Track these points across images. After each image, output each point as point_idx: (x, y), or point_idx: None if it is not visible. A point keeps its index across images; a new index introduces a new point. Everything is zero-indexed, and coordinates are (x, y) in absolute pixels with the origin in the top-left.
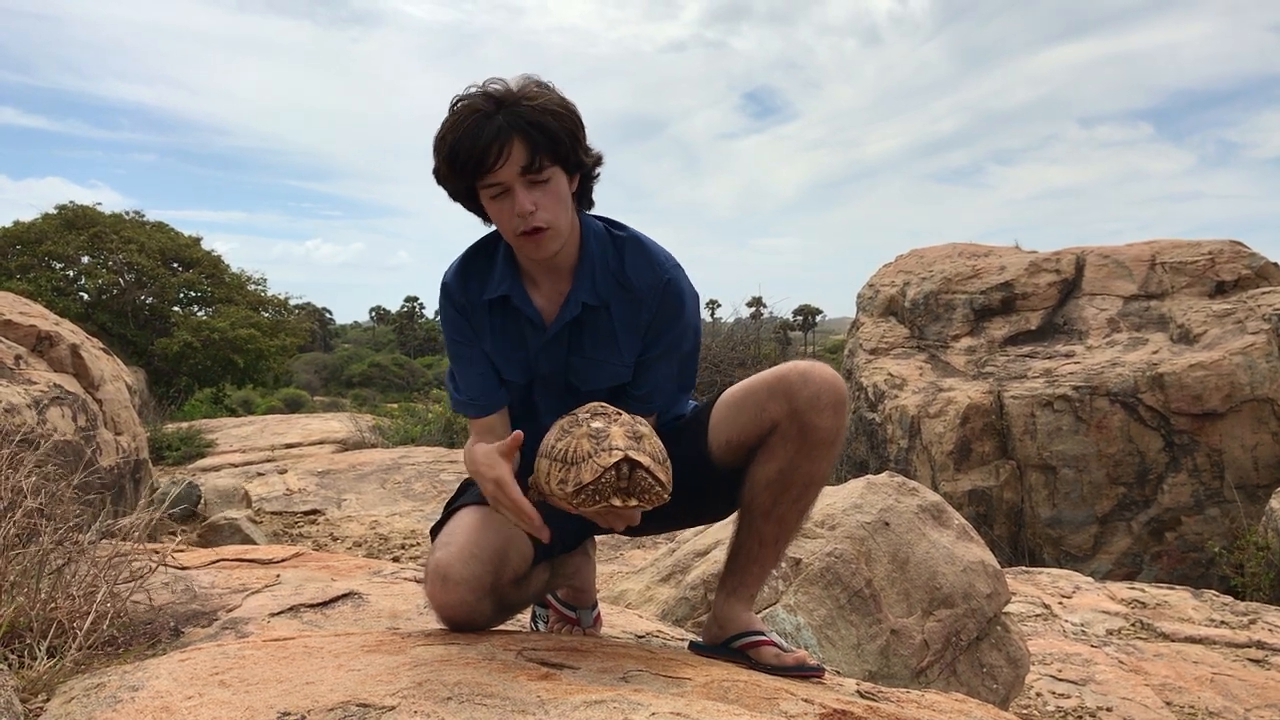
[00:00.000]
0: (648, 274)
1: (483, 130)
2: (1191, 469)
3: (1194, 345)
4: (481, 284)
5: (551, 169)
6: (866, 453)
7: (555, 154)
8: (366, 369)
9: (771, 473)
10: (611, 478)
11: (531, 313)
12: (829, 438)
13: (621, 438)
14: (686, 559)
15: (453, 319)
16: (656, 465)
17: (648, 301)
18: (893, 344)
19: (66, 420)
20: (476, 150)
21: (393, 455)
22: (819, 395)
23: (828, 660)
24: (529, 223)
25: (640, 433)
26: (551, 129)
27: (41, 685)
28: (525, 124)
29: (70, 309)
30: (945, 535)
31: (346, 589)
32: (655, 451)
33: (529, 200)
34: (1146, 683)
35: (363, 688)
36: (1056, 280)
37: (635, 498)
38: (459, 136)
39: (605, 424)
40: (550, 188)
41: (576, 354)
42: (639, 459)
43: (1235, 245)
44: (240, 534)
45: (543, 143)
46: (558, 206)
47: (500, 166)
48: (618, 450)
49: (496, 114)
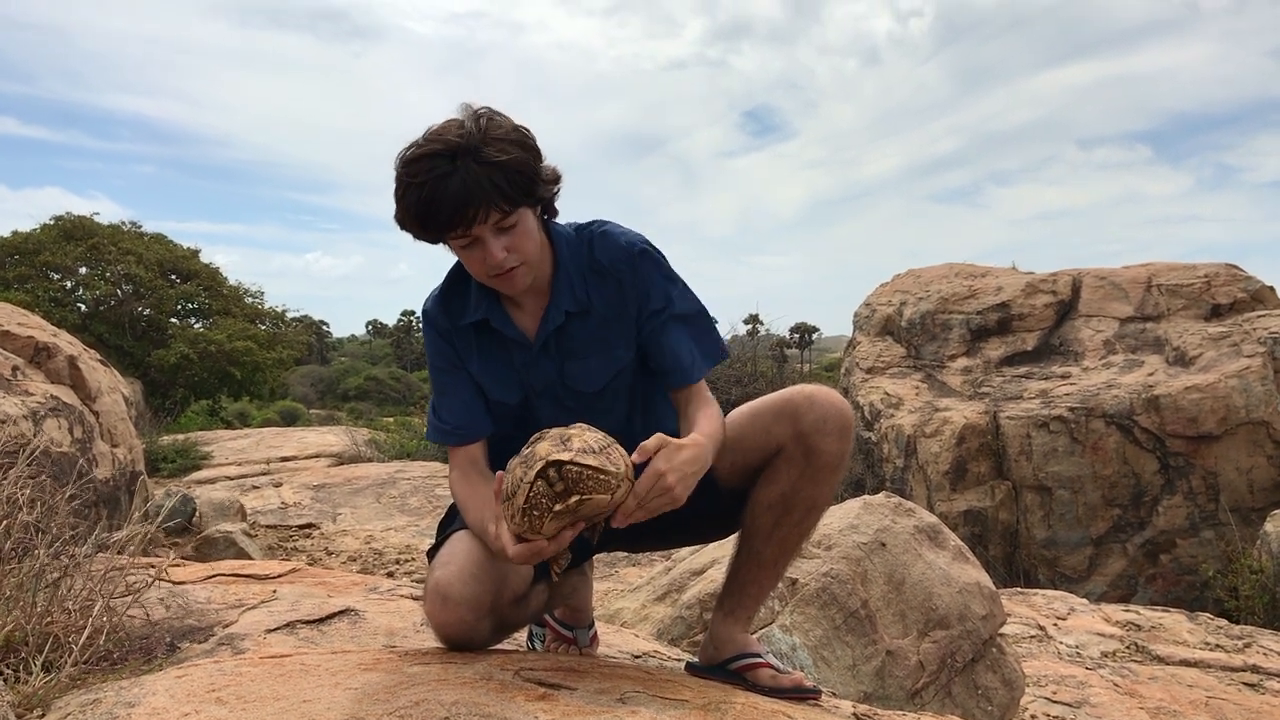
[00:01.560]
0: (618, 252)
1: (447, 189)
2: (1187, 492)
3: (1190, 368)
4: (461, 308)
5: (519, 211)
6: (862, 471)
7: (523, 196)
8: (363, 382)
9: (774, 495)
10: (542, 487)
11: (514, 333)
12: (834, 462)
13: (546, 449)
14: (682, 578)
15: (436, 344)
16: (588, 454)
17: (626, 278)
18: (889, 363)
19: (63, 432)
20: (444, 212)
21: (388, 470)
22: (825, 419)
23: (823, 681)
24: (503, 267)
25: (569, 435)
26: (514, 172)
27: (37, 700)
28: (489, 175)
29: (68, 320)
30: (941, 556)
31: (343, 605)
32: (586, 445)
33: (499, 249)
34: (1141, 705)
35: (360, 706)
36: (1053, 301)
37: (578, 493)
38: (423, 197)
39: (534, 444)
40: (519, 228)
41: (570, 360)
42: (560, 456)
43: (1231, 269)
44: (235, 547)
45: (509, 191)
46: (528, 244)
47: (474, 224)
48: (538, 461)
49: (456, 166)
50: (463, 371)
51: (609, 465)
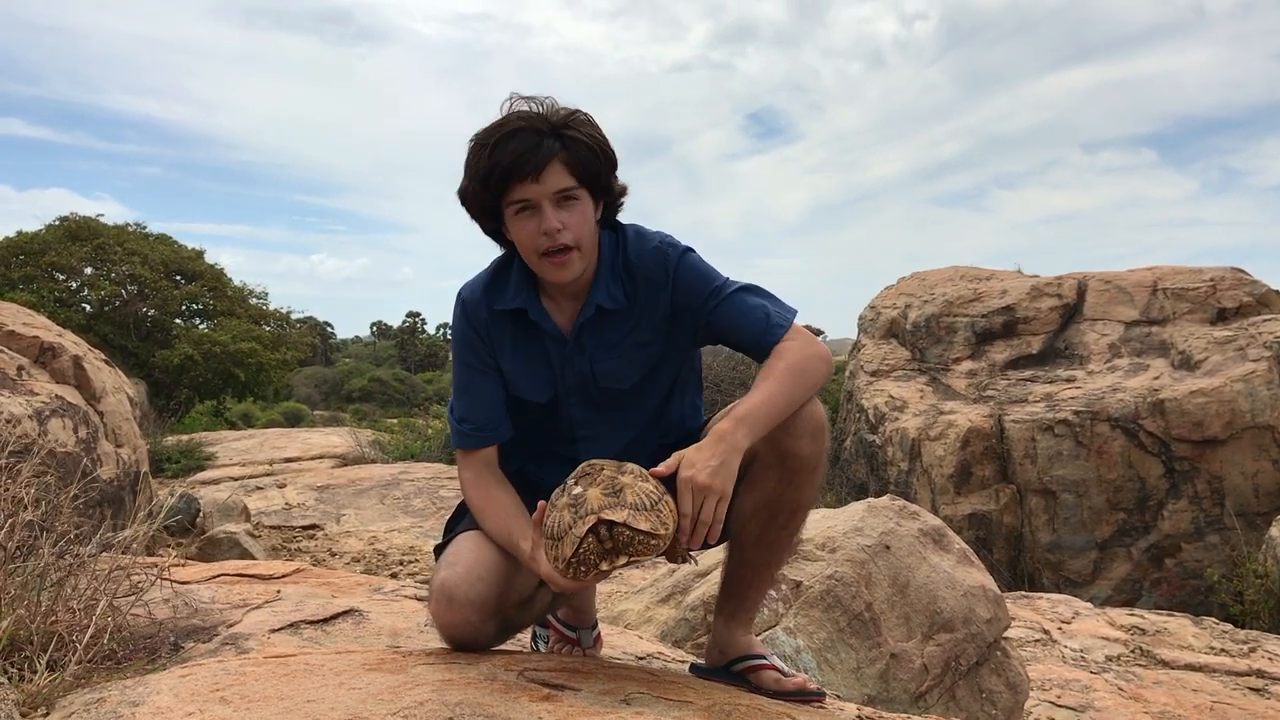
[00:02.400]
0: (653, 253)
1: (529, 141)
2: (1192, 496)
3: (1195, 372)
4: (500, 295)
5: (582, 191)
6: (866, 475)
7: (590, 181)
8: (367, 384)
9: (757, 502)
10: (592, 544)
11: (550, 326)
12: (810, 464)
13: (598, 498)
14: (686, 580)
15: (467, 336)
16: (638, 514)
17: (661, 278)
18: (894, 366)
19: (68, 432)
20: (520, 158)
21: (392, 471)
22: (796, 422)
23: (827, 683)
24: (555, 240)
25: (620, 485)
26: (593, 158)
27: (41, 699)
28: (572, 148)
29: (73, 320)
30: (946, 559)
31: (347, 606)
32: (639, 499)
33: (556, 219)
34: (1146, 710)
35: (364, 706)
36: (1058, 305)
37: (624, 554)
38: (504, 139)
39: (585, 486)
40: (578, 208)
41: (603, 355)
42: (613, 517)
43: (1237, 272)
44: (239, 548)
45: (582, 170)
46: (583, 228)
47: (538, 181)
48: (590, 516)
49: (545, 131)
50: (492, 370)
51: (660, 528)
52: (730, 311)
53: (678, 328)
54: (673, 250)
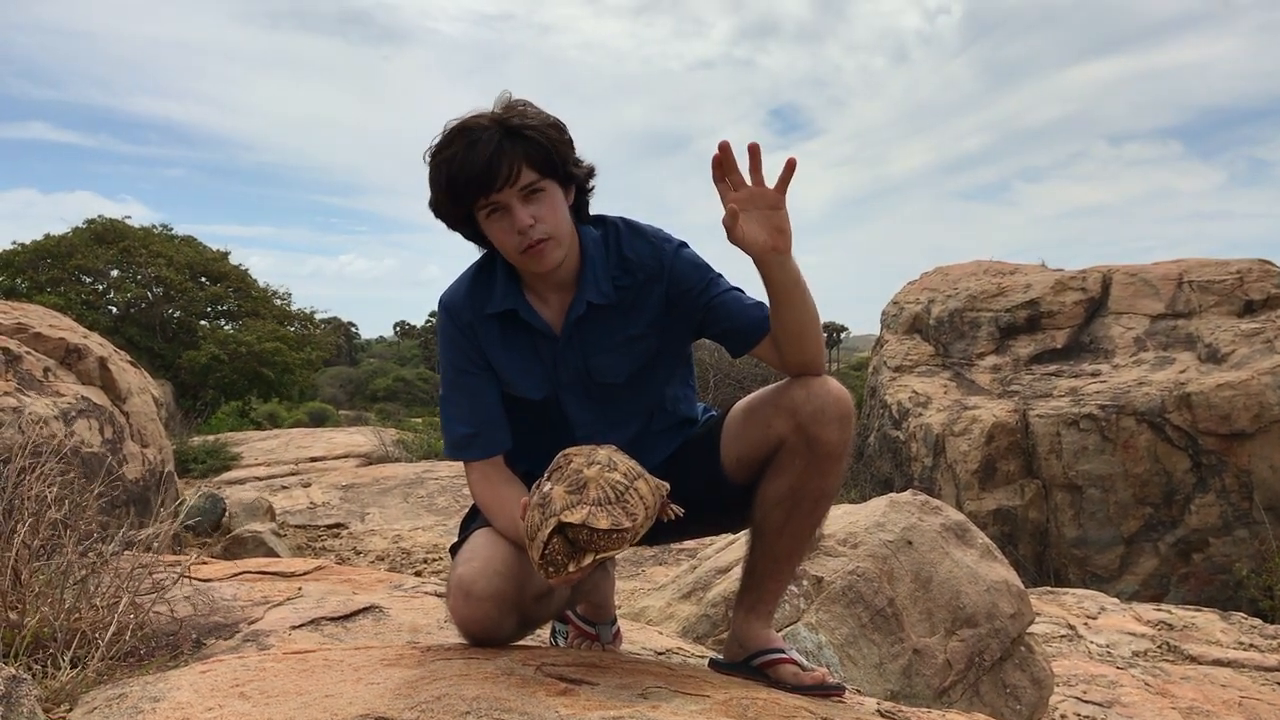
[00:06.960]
0: (648, 248)
1: (480, 150)
2: (1219, 490)
3: (1222, 365)
4: (486, 299)
5: (547, 182)
6: (891, 470)
7: (551, 168)
8: (391, 383)
9: (782, 489)
10: (559, 545)
11: (540, 324)
12: (836, 451)
13: (561, 496)
14: (708, 576)
15: (455, 341)
16: (599, 511)
17: (657, 272)
18: (917, 361)
19: (93, 432)
20: (476, 171)
21: (416, 470)
22: (824, 409)
23: (849, 679)
24: (530, 237)
25: (584, 480)
26: (545, 144)
27: (65, 695)
28: (521, 141)
29: (99, 322)
30: (969, 554)
31: (367, 603)
32: (602, 492)
33: (527, 215)
34: (1173, 705)
35: (382, 701)
36: (1083, 299)
37: (592, 552)
38: (455, 155)
39: (554, 483)
40: (546, 198)
41: (596, 350)
42: (571, 518)
43: (1264, 264)
44: (264, 547)
45: (539, 159)
46: (555, 216)
47: (500, 185)
48: (551, 519)
49: (492, 132)
50: (485, 372)
51: (625, 520)
52: (729, 301)
53: (672, 320)
54: (668, 244)
